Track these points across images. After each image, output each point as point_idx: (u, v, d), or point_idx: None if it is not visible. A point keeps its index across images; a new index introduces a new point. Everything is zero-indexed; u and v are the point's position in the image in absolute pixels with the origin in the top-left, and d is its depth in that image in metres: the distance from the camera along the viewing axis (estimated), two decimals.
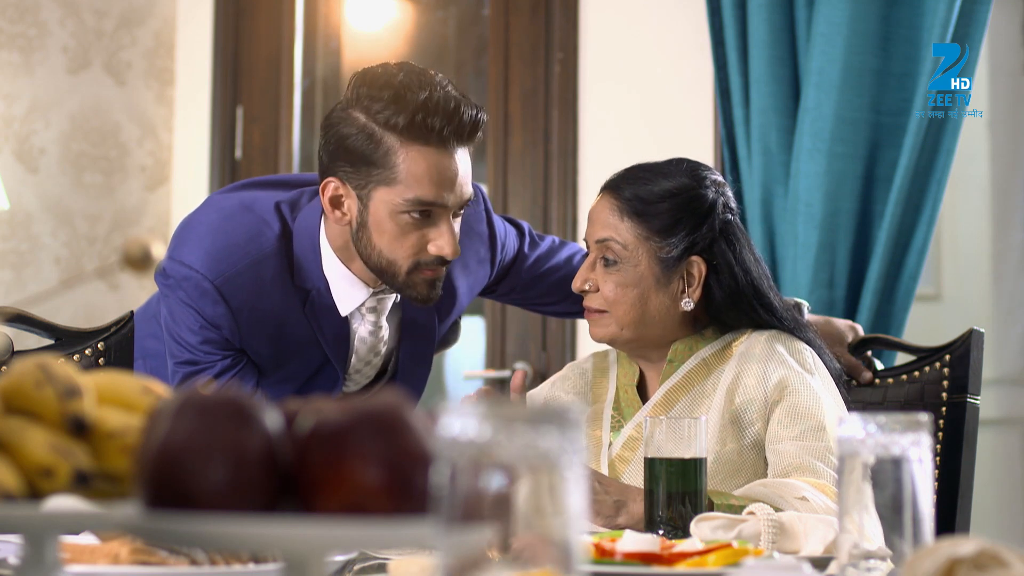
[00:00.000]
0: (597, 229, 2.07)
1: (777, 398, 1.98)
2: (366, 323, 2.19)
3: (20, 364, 1.01)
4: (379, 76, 2.06)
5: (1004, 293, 4.43)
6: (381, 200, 2.04)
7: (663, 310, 2.05)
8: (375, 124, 2.03)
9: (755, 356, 2.02)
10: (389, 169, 2.02)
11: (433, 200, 2.03)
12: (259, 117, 4.19)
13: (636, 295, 2.04)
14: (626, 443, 2.05)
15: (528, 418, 0.78)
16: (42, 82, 4.06)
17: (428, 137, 2.01)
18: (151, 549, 1.31)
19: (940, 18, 2.87)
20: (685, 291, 2.05)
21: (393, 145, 2.02)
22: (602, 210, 2.07)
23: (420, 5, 4.17)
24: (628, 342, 2.07)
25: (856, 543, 1.23)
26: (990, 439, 3.96)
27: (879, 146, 2.99)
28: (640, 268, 2.04)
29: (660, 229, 2.04)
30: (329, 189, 2.08)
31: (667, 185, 2.06)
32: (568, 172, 3.66)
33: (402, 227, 2.05)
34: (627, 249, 2.04)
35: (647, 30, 3.61)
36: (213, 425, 0.90)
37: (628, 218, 2.04)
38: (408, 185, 2.02)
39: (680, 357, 2.07)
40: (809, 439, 1.93)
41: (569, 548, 0.79)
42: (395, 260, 2.07)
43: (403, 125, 2.01)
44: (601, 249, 2.06)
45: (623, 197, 2.05)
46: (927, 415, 1.25)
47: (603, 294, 2.05)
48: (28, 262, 4.02)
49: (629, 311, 2.04)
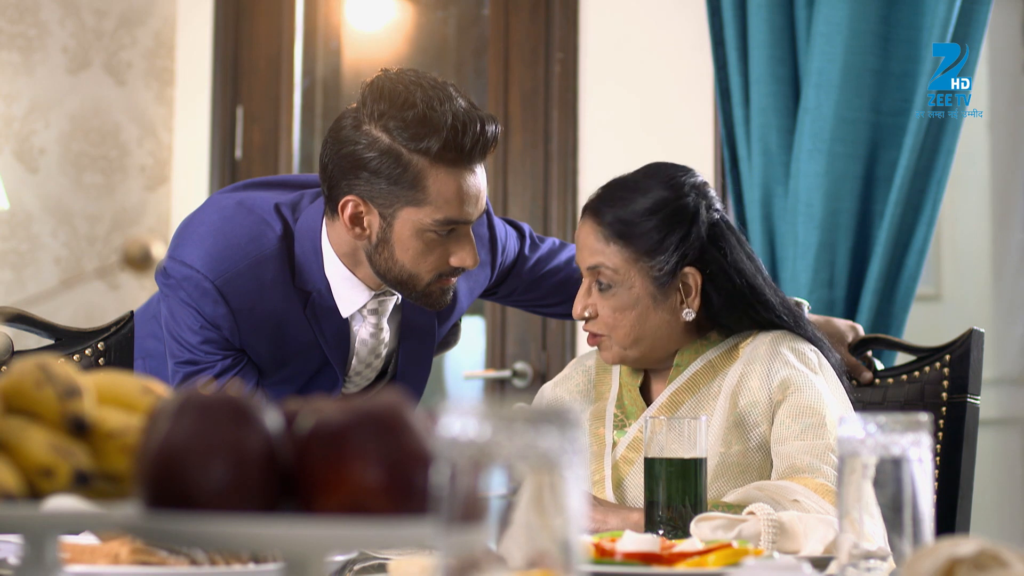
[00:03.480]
0: (585, 256, 2.05)
1: (780, 398, 1.98)
2: (367, 325, 2.19)
3: (20, 364, 1.01)
4: (398, 93, 2.02)
5: (1004, 293, 4.43)
6: (407, 220, 2.04)
7: (664, 325, 2.04)
8: (401, 147, 2.00)
9: (759, 357, 2.02)
10: (419, 191, 2.02)
11: (459, 218, 2.03)
12: (259, 117, 4.19)
13: (635, 316, 2.03)
14: (631, 444, 2.05)
15: (528, 418, 0.78)
16: (42, 82, 4.06)
17: (458, 160, 2.01)
18: (151, 549, 1.31)
19: (940, 18, 2.87)
20: (684, 302, 2.04)
21: (423, 169, 2.01)
22: (587, 236, 2.05)
23: (420, 5, 4.17)
24: (636, 360, 2.07)
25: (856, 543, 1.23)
26: (990, 439, 3.95)
27: (879, 146, 2.99)
28: (635, 290, 2.02)
29: (648, 249, 2.01)
30: (349, 207, 2.05)
31: (646, 203, 2.02)
32: (568, 172, 3.66)
33: (428, 244, 2.05)
34: (618, 273, 2.02)
35: (647, 30, 3.61)
36: (213, 425, 0.90)
37: (613, 242, 2.02)
38: (438, 207, 2.02)
39: (686, 361, 2.06)
40: (810, 437, 1.93)
41: (569, 548, 0.79)
42: (418, 274, 2.07)
43: (436, 151, 1.99)
44: (593, 275, 2.04)
45: (604, 222, 2.03)
46: (927, 415, 1.25)
47: (602, 319, 2.04)
48: (28, 262, 4.02)
49: (629, 332, 2.03)
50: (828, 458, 1.90)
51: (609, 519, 1.86)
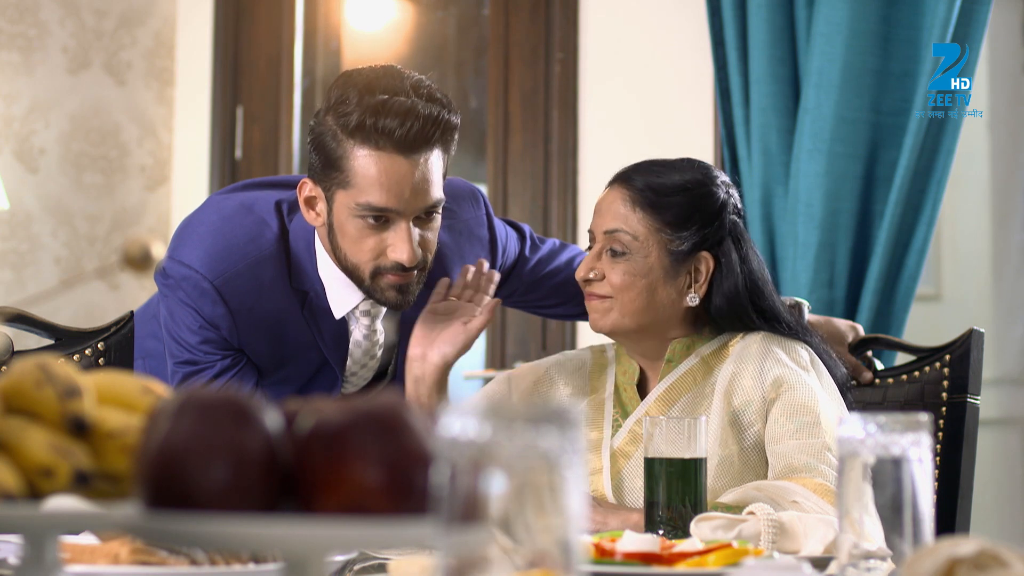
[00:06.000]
0: (607, 220, 2.05)
1: (774, 396, 1.98)
2: (360, 326, 2.19)
3: (20, 364, 1.01)
4: (354, 78, 2.03)
5: (1004, 293, 4.43)
6: (341, 203, 2.02)
7: (668, 303, 2.04)
8: (335, 126, 2.01)
9: (751, 356, 2.02)
10: (344, 172, 2.00)
11: (385, 206, 1.99)
12: (259, 117, 4.19)
13: (644, 284, 2.03)
14: (628, 438, 2.05)
15: (528, 418, 0.78)
16: (42, 82, 4.06)
17: (379, 141, 1.97)
18: (151, 549, 1.31)
19: (940, 18, 2.87)
20: (692, 286, 2.05)
21: (348, 148, 1.99)
22: (613, 200, 2.06)
23: (420, 5, 4.17)
24: (629, 333, 2.06)
25: (856, 543, 1.23)
26: (990, 439, 3.95)
27: (879, 146, 2.99)
28: (650, 259, 2.03)
29: (672, 221, 2.03)
30: (304, 190, 2.07)
31: (680, 179, 2.05)
32: (568, 172, 3.67)
33: (360, 231, 2.02)
34: (637, 240, 2.03)
35: (647, 30, 3.61)
36: (213, 425, 0.90)
37: (640, 209, 2.04)
38: (361, 189, 1.99)
39: (679, 356, 2.06)
40: (805, 436, 1.92)
41: (569, 548, 0.79)
42: (358, 264, 2.05)
43: (353, 127, 1.97)
44: (609, 240, 2.04)
45: (636, 188, 2.04)
46: (927, 415, 1.25)
47: (609, 281, 2.03)
48: (28, 262, 4.02)
49: (636, 299, 2.03)
50: (825, 457, 1.89)
51: (609, 520, 1.86)
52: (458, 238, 2.25)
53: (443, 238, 2.17)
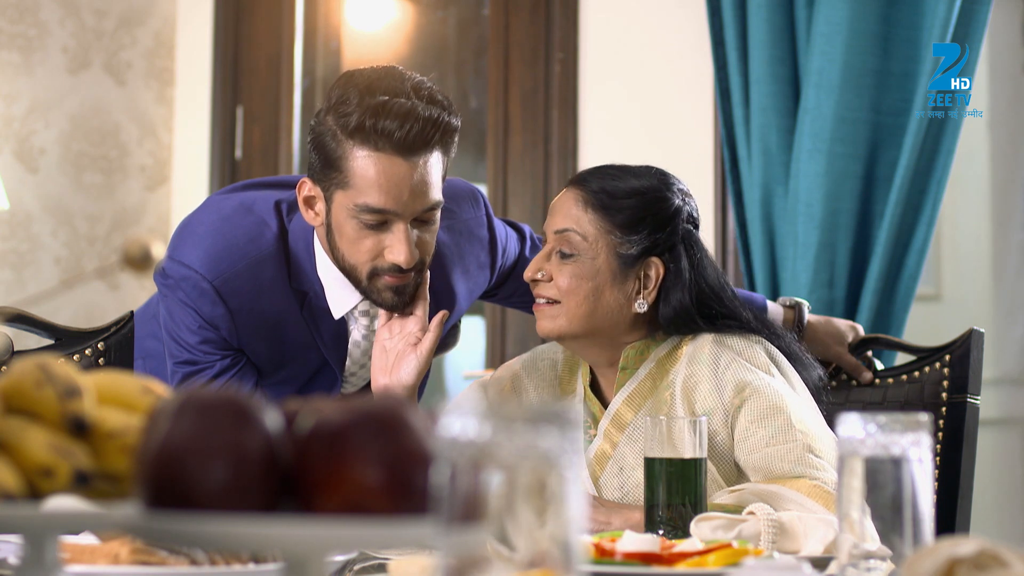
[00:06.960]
0: (558, 220, 2.04)
1: (738, 403, 1.94)
2: (359, 326, 2.19)
3: (20, 364, 1.01)
4: (355, 78, 2.03)
5: (1004, 293, 4.43)
6: (339, 203, 2.02)
7: (615, 308, 2.02)
8: (337, 126, 2.01)
9: (704, 359, 1.99)
10: (343, 172, 2.00)
11: (383, 207, 1.99)
12: (259, 117, 4.19)
13: (591, 288, 2.01)
14: (602, 445, 2.03)
15: (528, 418, 0.78)
16: (42, 82, 4.06)
17: (378, 142, 1.97)
18: (151, 549, 1.31)
19: (940, 18, 2.87)
20: (640, 292, 2.03)
21: (347, 148, 1.99)
22: (566, 201, 2.05)
23: (420, 5, 4.17)
24: (576, 338, 2.04)
25: (856, 543, 1.23)
26: (990, 439, 3.96)
27: (879, 146, 2.99)
28: (598, 262, 2.02)
29: (623, 224, 2.02)
30: (304, 189, 2.07)
31: (635, 184, 2.04)
32: (568, 172, 3.66)
33: (357, 231, 2.02)
34: (587, 241, 2.02)
35: (647, 30, 3.61)
36: (213, 425, 0.90)
37: (592, 210, 2.03)
38: (360, 190, 1.99)
39: (632, 364, 2.04)
40: (780, 440, 1.89)
41: (569, 548, 0.79)
42: (356, 265, 2.05)
43: (353, 127, 1.98)
44: (559, 241, 2.03)
45: (590, 189, 2.04)
46: (927, 415, 1.25)
47: (556, 283, 2.02)
48: (28, 262, 4.02)
49: (582, 303, 2.01)
50: (807, 460, 1.87)
51: (612, 520, 1.86)
52: (458, 238, 2.25)
53: (443, 238, 2.17)
